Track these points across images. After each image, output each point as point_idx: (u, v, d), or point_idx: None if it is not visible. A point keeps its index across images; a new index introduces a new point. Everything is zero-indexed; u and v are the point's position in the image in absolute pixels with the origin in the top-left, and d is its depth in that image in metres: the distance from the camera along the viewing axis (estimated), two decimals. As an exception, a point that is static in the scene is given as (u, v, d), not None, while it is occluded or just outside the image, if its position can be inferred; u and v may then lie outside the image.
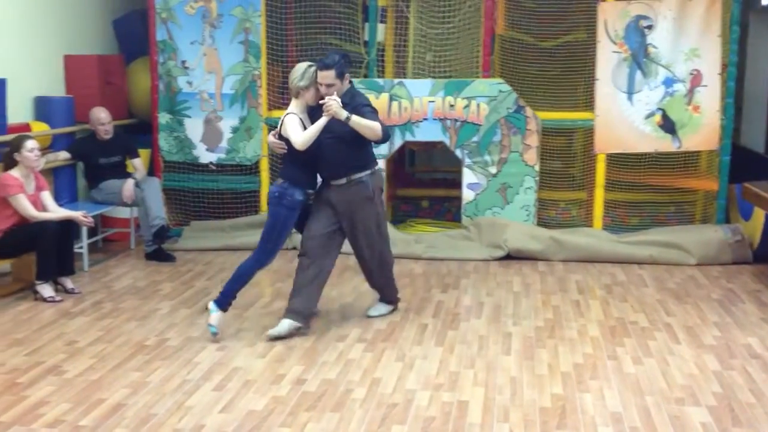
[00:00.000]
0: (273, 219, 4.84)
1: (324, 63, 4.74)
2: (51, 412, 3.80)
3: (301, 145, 4.67)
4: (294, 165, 4.86)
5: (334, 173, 4.92)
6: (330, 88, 4.74)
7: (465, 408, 3.88)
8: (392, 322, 5.16)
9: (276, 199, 4.83)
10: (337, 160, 4.87)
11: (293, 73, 4.79)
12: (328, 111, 4.66)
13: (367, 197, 4.94)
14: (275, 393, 4.04)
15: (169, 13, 7.24)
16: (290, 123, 4.75)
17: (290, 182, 4.84)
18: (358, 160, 4.93)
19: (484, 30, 7.08)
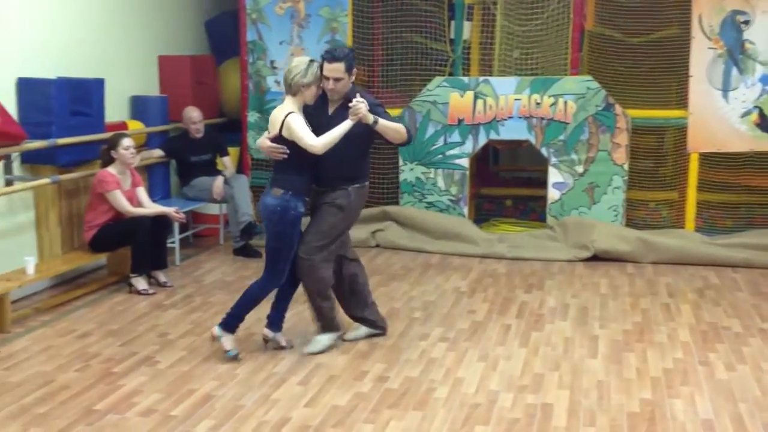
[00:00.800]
0: (278, 240, 4.34)
1: (333, 55, 4.28)
2: (144, 401, 3.94)
3: (321, 149, 4.19)
4: (295, 172, 4.33)
5: (325, 181, 4.43)
6: (338, 82, 4.30)
7: (550, 411, 3.82)
8: (475, 322, 5.13)
9: (279, 214, 4.30)
10: (336, 169, 4.38)
11: (293, 69, 4.25)
12: (357, 114, 4.22)
13: (339, 205, 4.43)
14: (358, 389, 4.08)
15: (259, 13, 7.39)
16: (298, 124, 4.21)
17: (292, 192, 4.32)
18: (356, 171, 4.49)
19: (573, 26, 6.95)
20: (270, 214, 4.32)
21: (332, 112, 4.42)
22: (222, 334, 4.43)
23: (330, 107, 4.44)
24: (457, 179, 7.19)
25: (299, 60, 4.31)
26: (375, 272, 6.38)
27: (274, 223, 4.32)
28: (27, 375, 4.26)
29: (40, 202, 5.81)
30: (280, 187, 4.33)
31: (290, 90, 4.28)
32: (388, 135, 4.41)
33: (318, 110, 4.38)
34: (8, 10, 5.49)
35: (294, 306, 4.89)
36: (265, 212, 4.36)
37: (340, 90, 4.35)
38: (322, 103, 4.41)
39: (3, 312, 4.94)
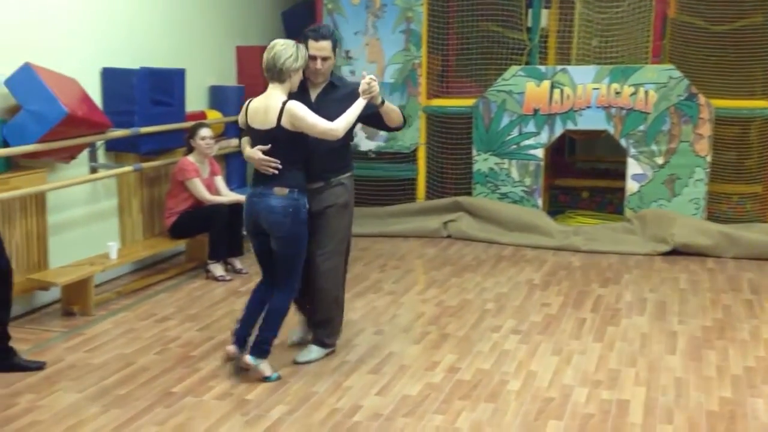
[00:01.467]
0: (295, 245, 3.99)
1: (320, 32, 4.04)
2: (220, 385, 4.02)
3: (343, 131, 3.91)
4: (296, 167, 3.98)
5: (314, 175, 4.12)
6: (325, 62, 4.05)
7: (626, 407, 3.75)
8: (549, 315, 5.06)
9: (291, 216, 3.92)
10: (324, 162, 4.11)
11: (283, 52, 3.86)
12: (371, 92, 3.96)
13: (345, 203, 4.24)
14: (429, 380, 4.08)
15: (335, 4, 7.43)
16: (306, 111, 3.86)
17: (298, 190, 3.97)
18: (343, 160, 4.23)
19: (655, 14, 6.78)
20: (281, 218, 3.91)
21: (315, 98, 4.14)
22: (258, 362, 4.05)
23: (312, 94, 4.15)
24: (532, 170, 7.09)
25: (284, 43, 3.91)
26: (447, 263, 6.36)
27: (287, 226, 3.93)
28: (108, 357, 4.41)
29: (123, 190, 5.99)
30: (285, 185, 3.93)
31: (279, 77, 3.89)
32: (390, 116, 4.20)
33: (300, 98, 4.02)
34: (94, 3, 5.66)
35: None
36: (274, 216, 3.92)
37: (326, 71, 4.10)
38: (302, 91, 4.10)
39: (87, 295, 5.12)
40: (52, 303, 5.28)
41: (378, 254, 6.67)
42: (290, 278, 4.06)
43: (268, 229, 3.98)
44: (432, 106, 7.39)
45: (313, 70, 4.07)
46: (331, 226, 4.22)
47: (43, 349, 4.51)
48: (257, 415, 3.68)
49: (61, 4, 5.36)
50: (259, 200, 3.98)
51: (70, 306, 5.12)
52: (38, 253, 5.13)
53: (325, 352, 4.38)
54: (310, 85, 4.15)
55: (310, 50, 4.02)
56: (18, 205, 4.93)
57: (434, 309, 5.23)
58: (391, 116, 4.20)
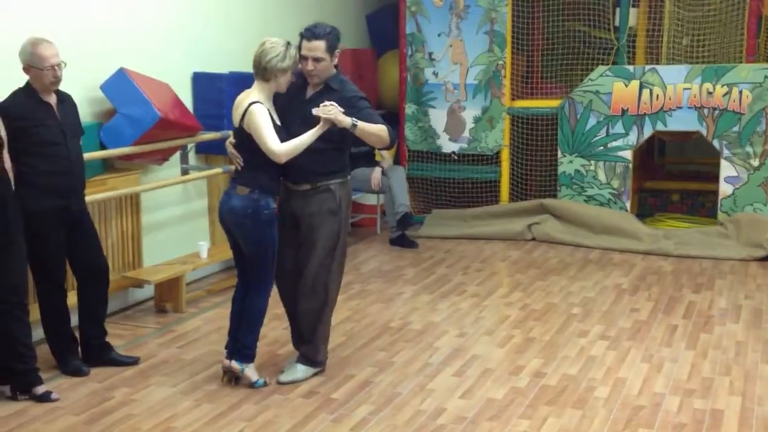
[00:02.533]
0: (259, 246, 3.88)
1: (314, 32, 3.84)
2: (306, 384, 4.07)
3: (285, 157, 3.73)
4: (260, 168, 3.82)
5: (298, 176, 3.95)
6: (317, 63, 3.83)
7: (719, 417, 3.62)
8: (638, 321, 4.94)
9: (251, 216, 3.82)
10: (308, 163, 3.88)
11: (269, 50, 3.74)
12: (327, 117, 3.75)
13: (331, 210, 3.98)
14: (514, 384, 4.04)
15: (419, 6, 7.44)
16: (262, 121, 3.72)
17: (260, 190, 3.83)
18: (331, 166, 3.99)
19: (749, 11, 6.53)
20: (241, 218, 3.84)
21: (309, 96, 3.96)
22: (243, 366, 4.00)
23: (309, 91, 3.99)
24: (620, 172, 6.94)
25: (274, 41, 3.79)
26: (531, 266, 6.29)
27: (248, 227, 3.85)
28: (199, 353, 4.53)
29: (213, 190, 6.14)
30: (245, 185, 3.83)
31: (263, 75, 3.78)
32: (368, 140, 3.93)
33: (294, 96, 3.93)
34: (185, 10, 5.83)
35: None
36: (233, 217, 3.86)
37: (319, 73, 3.88)
38: (299, 88, 3.97)
39: (179, 293, 5.27)
40: (145, 300, 5.45)
41: (461, 256, 6.64)
42: (261, 279, 3.96)
43: (232, 229, 3.94)
44: (516, 107, 7.31)
45: (305, 71, 3.91)
46: (316, 234, 3.99)
47: (138, 344, 4.67)
48: (342, 414, 3.72)
49: (153, 10, 5.54)
50: (224, 199, 3.95)
51: (163, 303, 5.29)
52: (133, 252, 5.31)
53: (312, 371, 4.14)
54: (310, 84, 4.00)
55: (302, 50, 3.86)
56: (114, 205, 5.12)
57: (519, 312, 5.17)
58: (369, 140, 3.94)
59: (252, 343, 4.04)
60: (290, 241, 4.04)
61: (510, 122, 7.33)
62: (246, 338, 4.03)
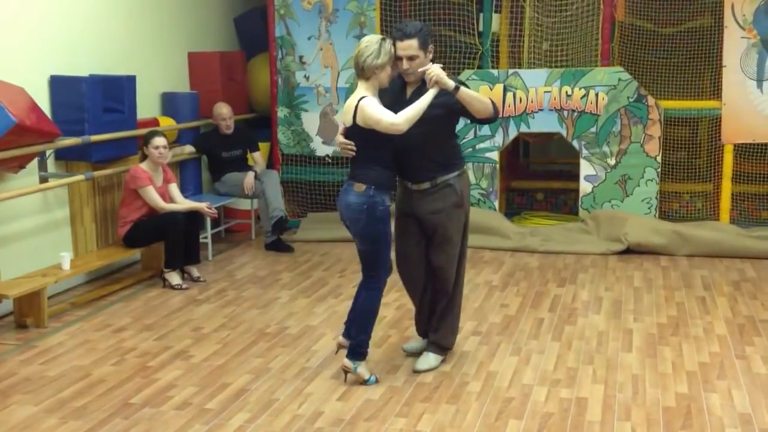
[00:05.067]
0: (373, 242, 3.95)
1: (404, 32, 3.88)
2: (179, 394, 3.97)
3: (405, 124, 3.76)
4: (376, 164, 3.92)
5: (417, 175, 4.04)
6: (412, 62, 3.90)
7: (584, 405, 3.80)
8: (507, 316, 5.11)
9: (367, 212, 3.90)
10: (422, 159, 3.99)
11: (365, 50, 3.83)
12: (432, 79, 3.77)
13: (455, 204, 4.07)
14: (391, 383, 4.08)
15: (287, 9, 7.41)
16: (372, 106, 3.81)
17: (376, 187, 3.91)
18: (447, 158, 4.06)
19: (603, 17, 6.88)
20: (356, 214, 3.91)
21: (410, 96, 4.00)
22: (355, 364, 4.05)
23: (408, 91, 4.04)
24: (488, 172, 7.15)
25: (368, 39, 3.89)
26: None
27: (363, 223, 3.92)
28: (64, 369, 4.32)
29: (75, 199, 5.88)
30: (362, 182, 3.92)
31: (363, 74, 3.88)
32: (472, 106, 3.87)
33: (396, 96, 4.01)
34: (40, 9, 5.56)
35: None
36: (350, 212, 3.94)
37: (415, 70, 3.91)
38: (400, 88, 4.05)
39: (40, 307, 5.01)
40: (4, 316, 5.16)
41: (337, 259, 6.66)
42: (374, 276, 4.03)
43: (348, 224, 4.03)
44: (387, 110, 7.40)
45: (401, 71, 3.96)
46: (446, 231, 4.09)
47: (-5, 363, 4.41)
48: (217, 424, 3.64)
49: (6, 11, 5.25)
50: (342, 195, 4.03)
51: (23, 318, 5.02)
52: (-12, 265, 5.01)
53: (442, 357, 4.29)
54: (407, 83, 4.04)
55: (397, 51, 3.90)
56: (-34, 216, 4.81)
57: (395, 312, 5.23)
58: (473, 106, 3.88)
59: (364, 341, 4.08)
60: (414, 237, 4.15)
61: (382, 125, 7.39)
62: (359, 337, 4.07)
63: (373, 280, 4.04)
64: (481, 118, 3.99)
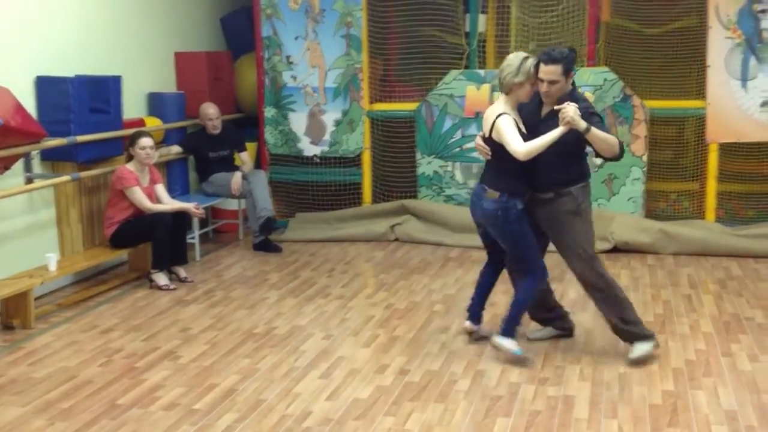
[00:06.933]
0: (516, 243, 4.26)
1: (551, 56, 4.04)
2: (167, 395, 3.97)
3: (525, 156, 4.01)
4: (508, 174, 4.19)
5: (542, 185, 4.23)
6: (552, 86, 4.07)
7: (571, 402, 3.82)
8: (495, 315, 5.11)
9: (501, 218, 4.20)
10: (549, 172, 4.18)
11: (507, 66, 4.10)
12: (565, 120, 3.95)
13: (571, 211, 4.21)
14: (379, 382, 4.09)
15: (274, 9, 7.40)
16: (507, 127, 4.06)
17: (508, 194, 4.19)
18: (572, 173, 4.23)
19: (589, 18, 6.91)
20: (493, 219, 4.24)
21: (544, 115, 4.21)
22: (504, 340, 4.28)
23: (543, 109, 4.23)
24: (476, 172, 7.17)
25: (513, 57, 4.15)
26: (395, 266, 6.39)
27: (499, 227, 4.25)
28: (51, 370, 4.30)
29: (61, 199, 5.86)
30: (494, 188, 4.22)
31: (503, 88, 4.15)
32: (598, 146, 4.08)
33: (532, 111, 4.22)
34: (27, 10, 5.53)
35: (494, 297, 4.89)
36: (486, 218, 4.28)
37: (554, 94, 4.10)
38: (537, 104, 4.23)
39: (26, 308, 4.99)
40: (-11, 318, 5.13)
41: (325, 259, 6.66)
42: (526, 270, 4.31)
43: (486, 227, 4.37)
44: (375, 110, 7.42)
45: (540, 92, 4.15)
46: (564, 236, 4.27)
47: (-18, 365, 4.38)
48: (205, 425, 3.64)
49: (-8, 10, 5.22)
50: (476, 200, 4.34)
51: (10, 320, 4.99)
52: (-26, 266, 4.98)
53: (650, 344, 4.30)
54: (544, 102, 4.21)
55: (539, 73, 4.08)
56: (-49, 217, 4.78)
57: (383, 312, 5.24)
58: (598, 146, 4.08)
59: (515, 322, 4.32)
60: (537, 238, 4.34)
61: (370, 125, 7.42)
62: (510, 318, 4.32)
63: (526, 275, 4.32)
64: (605, 157, 4.18)
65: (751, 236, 6.50)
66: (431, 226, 7.16)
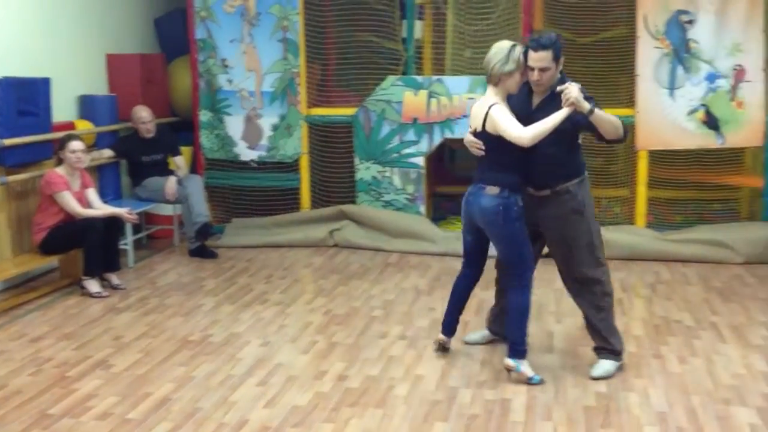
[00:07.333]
0: (512, 242, 4.07)
1: (540, 42, 3.89)
2: (99, 405, 3.87)
3: (531, 140, 3.84)
4: (506, 169, 4.02)
5: (539, 182, 4.10)
6: (543, 73, 3.92)
7: (508, 406, 3.87)
8: (434, 320, 5.15)
9: (502, 214, 4.00)
10: (545, 166, 4.03)
11: (494, 56, 3.92)
12: (569, 100, 3.81)
13: (575, 210, 4.10)
14: (318, 389, 4.07)
15: (208, 11, 7.31)
16: (504, 115, 3.90)
17: (509, 189, 4.01)
18: (569, 167, 4.10)
19: (523, 26, 7.03)
20: (492, 216, 4.02)
21: (536, 105, 4.06)
22: (517, 363, 4.10)
23: (534, 99, 4.08)
24: (414, 178, 7.22)
25: (499, 46, 3.96)
26: (333, 271, 6.37)
27: (499, 225, 4.03)
28: (-23, 382, 4.16)
29: (-13, 204, 5.67)
30: (494, 184, 4.01)
31: (491, 80, 3.96)
32: (603, 127, 3.92)
33: (522, 103, 4.04)
34: (-49, 7, 5.35)
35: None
36: (485, 215, 4.04)
37: (546, 82, 3.96)
38: (526, 95, 4.08)
39: (-50, 318, 4.81)
40: None
41: (263, 265, 6.60)
42: (518, 275, 4.12)
43: (483, 227, 4.13)
44: (313, 115, 7.39)
45: (531, 81, 4.00)
46: (566, 236, 4.13)
47: None
48: (141, 435, 3.57)
49: None
50: (473, 199, 4.13)
51: (-69, 330, 4.80)
52: None
53: (616, 364, 4.22)
54: (534, 91, 4.06)
55: (529, 61, 3.93)
56: None
57: (322, 318, 5.22)
58: (604, 128, 3.92)
59: (521, 339, 4.11)
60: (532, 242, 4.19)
61: (308, 130, 7.39)
62: (514, 335, 4.12)
63: (521, 279, 4.12)
64: (609, 139, 4.02)
65: (680, 241, 6.70)
66: (370, 231, 7.17)
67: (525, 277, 4.14)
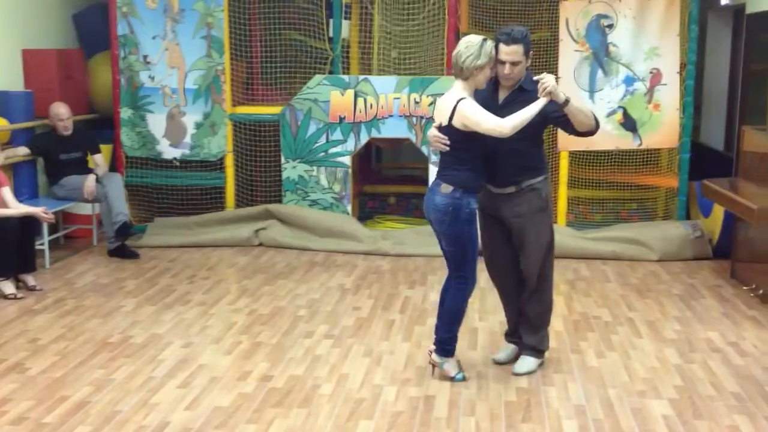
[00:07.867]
0: (458, 243, 3.99)
1: (511, 36, 3.84)
2: (14, 409, 3.75)
3: (511, 130, 3.75)
4: (464, 167, 3.93)
5: (502, 179, 4.03)
6: (515, 67, 3.87)
7: (432, 402, 3.90)
8: (359, 318, 5.16)
9: (452, 214, 3.92)
10: (509, 164, 3.97)
11: (465, 50, 3.82)
12: (546, 89, 3.77)
13: (540, 208, 4.08)
14: (241, 390, 4.03)
15: (130, 7, 7.15)
16: (475, 109, 3.81)
17: (462, 189, 3.92)
18: (533, 164, 4.06)
19: (448, 27, 7.10)
20: (441, 215, 3.94)
21: (502, 100, 3.99)
22: (443, 360, 4.11)
23: (501, 95, 4.01)
24: (340, 177, 7.21)
25: (468, 40, 3.85)
26: (258, 271, 6.31)
27: (447, 224, 3.95)
28: None
29: None
30: (447, 182, 3.93)
31: (461, 74, 3.85)
32: (577, 118, 3.89)
33: (487, 99, 3.96)
34: None
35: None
36: (436, 213, 3.96)
37: (516, 76, 3.91)
38: (492, 91, 4.01)
39: None
40: None
41: (186, 265, 6.48)
42: (460, 277, 4.06)
43: (433, 224, 4.05)
44: (238, 113, 7.30)
45: (501, 75, 3.92)
46: (531, 235, 4.09)
47: None
48: (56, 440, 3.46)
49: None
50: (429, 195, 4.04)
51: None
52: None
53: (540, 361, 4.28)
54: (500, 85, 4.01)
55: (500, 54, 3.86)
56: None
57: (246, 318, 5.16)
58: (578, 118, 3.89)
59: (449, 339, 4.11)
60: (501, 241, 4.18)
61: (233, 128, 7.30)
62: (442, 334, 4.11)
63: (461, 280, 4.07)
64: (580, 131, 3.98)
65: (598, 239, 6.88)
66: (296, 230, 7.13)
67: (467, 280, 4.07)
